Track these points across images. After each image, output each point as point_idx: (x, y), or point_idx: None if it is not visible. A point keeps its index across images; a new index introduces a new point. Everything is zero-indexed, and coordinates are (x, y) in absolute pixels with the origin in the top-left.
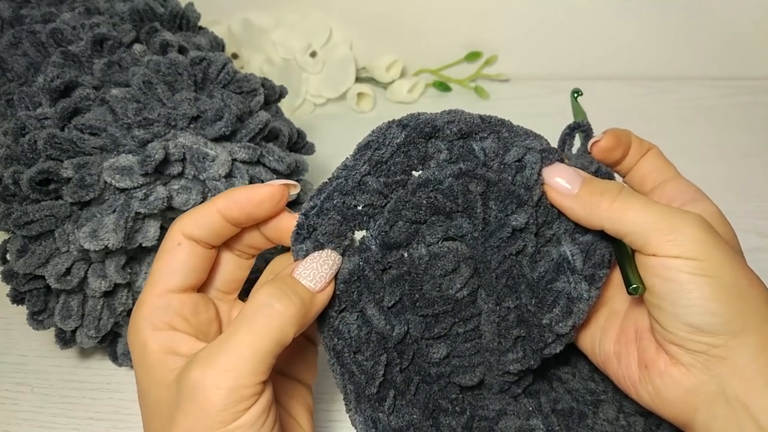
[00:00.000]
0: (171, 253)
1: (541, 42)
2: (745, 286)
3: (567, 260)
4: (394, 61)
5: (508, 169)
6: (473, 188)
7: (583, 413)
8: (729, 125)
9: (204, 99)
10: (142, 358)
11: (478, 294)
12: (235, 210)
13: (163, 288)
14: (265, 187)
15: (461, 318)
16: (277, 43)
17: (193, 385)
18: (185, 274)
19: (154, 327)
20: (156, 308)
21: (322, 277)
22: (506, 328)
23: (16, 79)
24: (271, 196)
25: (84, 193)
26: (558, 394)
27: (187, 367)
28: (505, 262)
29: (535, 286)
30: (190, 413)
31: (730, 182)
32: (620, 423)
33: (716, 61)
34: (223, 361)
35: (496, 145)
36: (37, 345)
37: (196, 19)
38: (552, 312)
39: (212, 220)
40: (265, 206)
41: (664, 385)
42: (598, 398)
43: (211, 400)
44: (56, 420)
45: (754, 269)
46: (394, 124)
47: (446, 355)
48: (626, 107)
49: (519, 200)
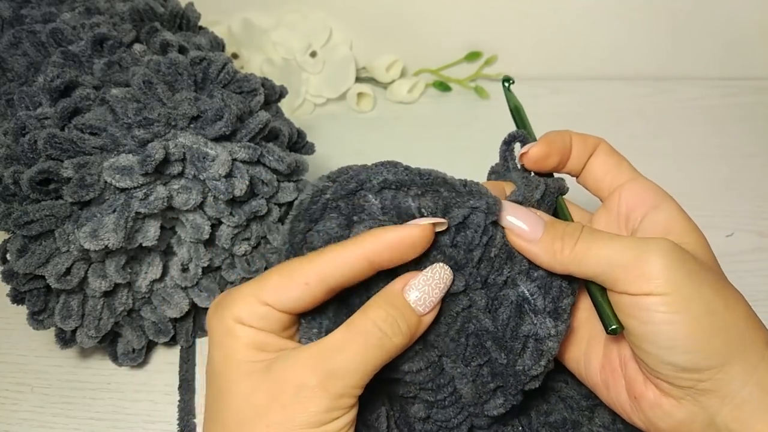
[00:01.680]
0: (293, 284)
1: (541, 42)
2: (722, 312)
3: (527, 300)
4: (394, 61)
5: (447, 232)
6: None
7: (577, 422)
8: (729, 125)
9: (204, 99)
10: (224, 342)
11: (443, 363)
12: (386, 254)
13: (266, 301)
14: (416, 228)
15: (428, 388)
16: (277, 43)
17: (301, 383)
18: (296, 306)
19: (241, 322)
20: (252, 312)
21: (431, 302)
22: (483, 384)
23: (16, 79)
24: (423, 237)
25: (84, 193)
26: (550, 405)
27: (291, 364)
28: (455, 322)
29: (501, 338)
30: (288, 408)
31: (730, 182)
32: (617, 427)
33: (717, 61)
34: (336, 368)
35: (434, 205)
36: (37, 345)
37: (196, 19)
38: (523, 358)
39: (357, 265)
40: (419, 246)
41: (655, 416)
42: (593, 403)
43: (316, 402)
44: (56, 420)
45: (754, 269)
46: (324, 179)
47: (426, 417)
48: (626, 107)
49: (456, 264)
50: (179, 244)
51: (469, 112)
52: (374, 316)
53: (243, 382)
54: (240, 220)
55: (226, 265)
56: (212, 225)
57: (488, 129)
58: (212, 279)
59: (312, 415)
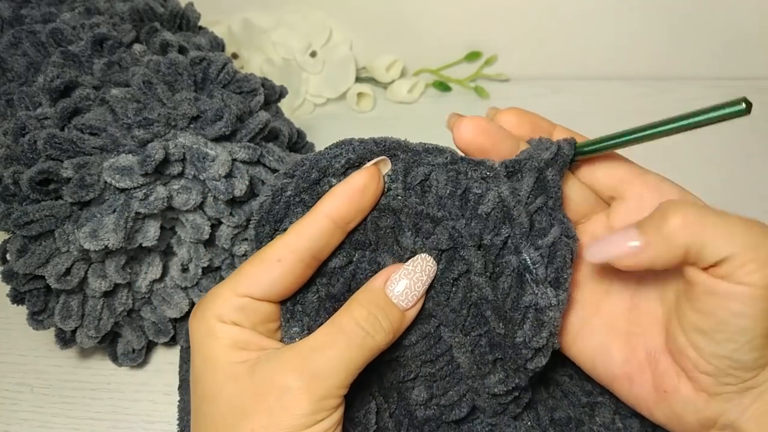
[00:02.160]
0: (266, 265)
1: (541, 42)
2: None
3: (528, 269)
4: (394, 61)
5: (412, 192)
6: (382, 223)
7: (580, 421)
8: (729, 125)
9: (204, 99)
10: (205, 346)
11: (441, 332)
12: (344, 205)
13: (242, 291)
14: (361, 172)
15: (428, 360)
16: (277, 43)
17: (284, 386)
18: (273, 289)
19: (222, 320)
20: (231, 306)
21: (415, 296)
22: (481, 354)
23: (16, 79)
24: (372, 177)
25: (84, 193)
26: (555, 401)
27: (274, 366)
28: (456, 292)
29: (500, 308)
30: (274, 411)
31: (730, 182)
32: (616, 426)
33: (716, 61)
34: (319, 369)
35: (396, 168)
36: (37, 345)
37: (196, 19)
38: (523, 329)
39: (321, 228)
40: (371, 189)
41: (684, 410)
42: (594, 400)
43: (301, 404)
44: (56, 420)
45: None
46: (281, 176)
47: (429, 397)
48: (626, 107)
49: (433, 219)
50: (179, 244)
51: (469, 112)
52: (356, 315)
53: (227, 385)
54: (240, 220)
55: (226, 265)
56: (212, 225)
57: None
58: (212, 279)
59: (297, 418)
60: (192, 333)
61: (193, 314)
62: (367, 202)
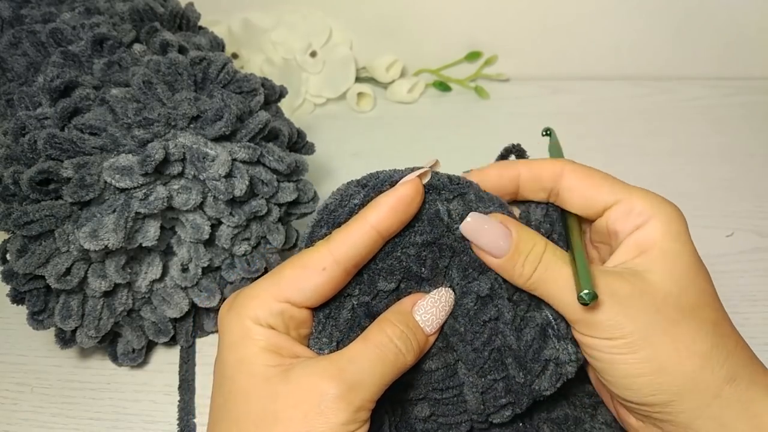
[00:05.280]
0: (310, 273)
1: (541, 42)
2: (669, 354)
3: (551, 325)
4: (394, 61)
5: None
6: (441, 263)
7: (579, 419)
8: (729, 125)
9: (204, 99)
10: (239, 345)
11: (458, 368)
12: (391, 218)
13: (284, 296)
14: (406, 184)
15: (437, 388)
16: (277, 43)
17: (322, 393)
18: (314, 297)
19: (258, 322)
20: (269, 310)
21: (438, 323)
22: (494, 398)
23: (16, 79)
24: (416, 190)
25: (84, 193)
26: (552, 402)
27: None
28: (482, 333)
29: (522, 358)
30: (310, 417)
31: (730, 182)
32: (618, 425)
33: (717, 61)
34: (357, 379)
35: (461, 209)
36: (37, 345)
37: (196, 19)
38: (541, 379)
39: (366, 238)
40: (416, 201)
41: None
42: (596, 401)
43: (338, 413)
44: (56, 420)
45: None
46: (353, 183)
47: (430, 414)
48: (626, 107)
49: (481, 267)
50: (179, 244)
51: (469, 112)
52: (390, 331)
53: (261, 386)
54: (240, 220)
55: (226, 265)
56: (212, 225)
57: (488, 129)
58: (212, 279)
59: (333, 426)
60: (225, 331)
61: (226, 311)
62: (411, 213)
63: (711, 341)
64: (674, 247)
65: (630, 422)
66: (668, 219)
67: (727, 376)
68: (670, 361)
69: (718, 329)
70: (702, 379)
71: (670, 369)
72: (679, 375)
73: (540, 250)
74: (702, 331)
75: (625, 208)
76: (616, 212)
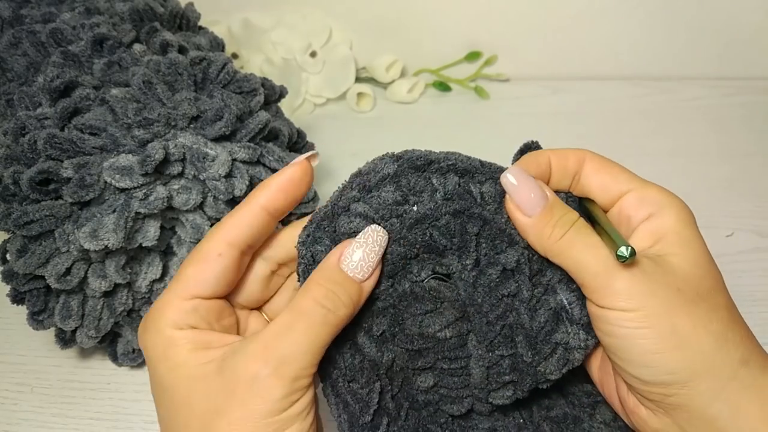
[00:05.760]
0: (208, 262)
1: (541, 42)
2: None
3: (565, 309)
4: (394, 61)
5: (503, 212)
6: (470, 228)
7: (578, 418)
8: (729, 125)
9: (204, 99)
10: (167, 356)
11: (468, 339)
12: (279, 197)
13: (191, 293)
14: (295, 165)
15: (447, 357)
16: (277, 43)
17: (253, 375)
18: (219, 284)
19: (178, 327)
20: (182, 311)
21: (370, 266)
22: (498, 374)
23: (16, 79)
24: (305, 171)
25: (84, 193)
26: (552, 400)
27: (241, 358)
28: (498, 307)
29: (534, 338)
30: (248, 402)
31: (730, 182)
32: (618, 424)
33: (716, 61)
34: (286, 353)
35: (494, 190)
36: (37, 345)
37: (196, 19)
38: (548, 361)
39: (257, 219)
40: (305, 182)
41: (635, 423)
42: (595, 400)
43: (273, 390)
44: (56, 420)
45: (754, 269)
46: (388, 155)
47: (433, 384)
48: (626, 107)
49: (510, 240)
50: (179, 244)
51: (469, 112)
52: (315, 294)
53: (198, 387)
54: None
55: None
56: (212, 225)
57: (488, 129)
58: None
59: (271, 403)
60: (149, 347)
61: (143, 330)
62: (300, 194)
63: (726, 324)
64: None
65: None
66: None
67: (741, 358)
68: (689, 338)
69: (731, 314)
70: (719, 359)
71: (689, 346)
72: (698, 353)
73: (573, 217)
74: (718, 314)
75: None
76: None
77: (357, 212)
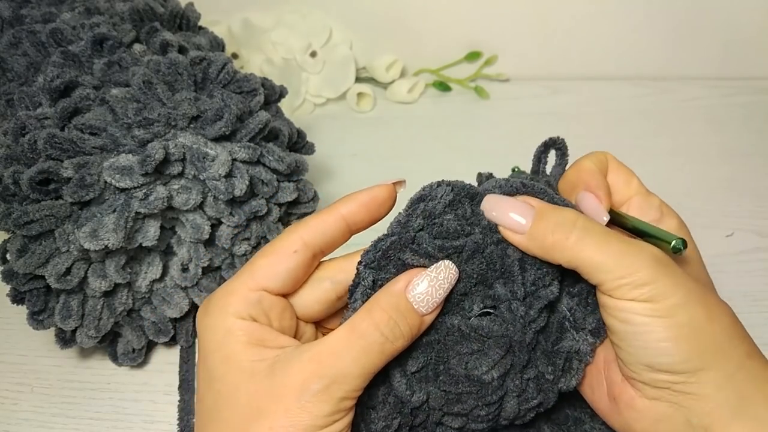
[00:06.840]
0: (282, 256)
1: (541, 42)
2: (703, 322)
3: (566, 317)
4: (394, 61)
5: None
6: (511, 253)
7: (579, 419)
8: (729, 125)
9: (204, 99)
10: (223, 344)
11: (508, 374)
12: (361, 213)
13: (259, 284)
14: (381, 186)
15: (486, 402)
16: (277, 43)
17: (304, 386)
18: (288, 280)
19: (239, 316)
20: (247, 300)
21: (434, 302)
22: (526, 400)
23: (16, 79)
24: (389, 194)
25: (84, 193)
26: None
27: (294, 367)
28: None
29: (549, 351)
30: (293, 412)
31: (730, 182)
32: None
33: (716, 61)
34: (338, 373)
35: None
36: (37, 345)
37: (196, 19)
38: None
39: (335, 225)
40: (386, 205)
41: (631, 417)
42: None
43: (320, 406)
44: (56, 420)
45: (754, 269)
46: (444, 183)
47: (461, 426)
48: (626, 107)
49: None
50: (179, 244)
51: (469, 112)
52: (377, 318)
53: (246, 383)
54: (240, 220)
55: (226, 265)
56: (212, 225)
57: (488, 129)
58: (212, 279)
59: (315, 418)
60: (206, 331)
61: (204, 312)
62: (380, 215)
63: (732, 318)
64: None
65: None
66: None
67: (747, 351)
68: (704, 328)
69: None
70: (730, 348)
71: (705, 335)
72: (711, 342)
73: (572, 217)
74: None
75: (645, 200)
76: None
77: (424, 251)
